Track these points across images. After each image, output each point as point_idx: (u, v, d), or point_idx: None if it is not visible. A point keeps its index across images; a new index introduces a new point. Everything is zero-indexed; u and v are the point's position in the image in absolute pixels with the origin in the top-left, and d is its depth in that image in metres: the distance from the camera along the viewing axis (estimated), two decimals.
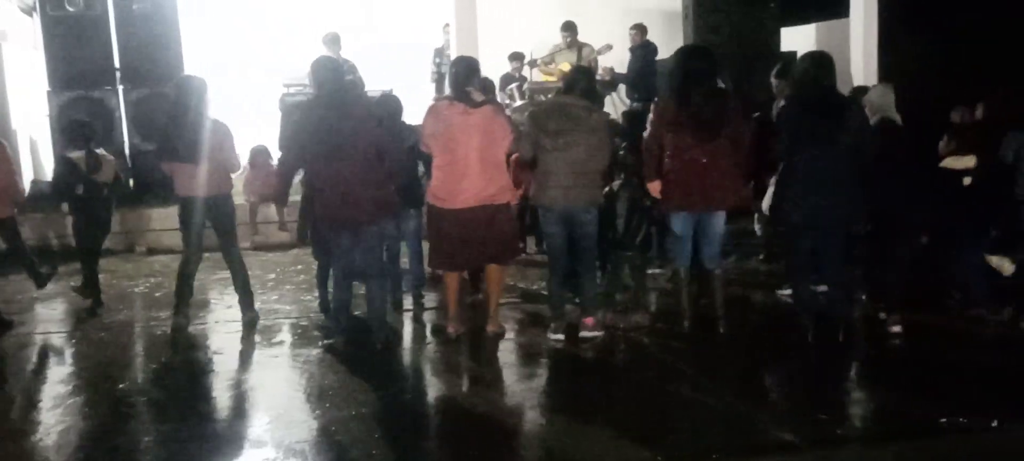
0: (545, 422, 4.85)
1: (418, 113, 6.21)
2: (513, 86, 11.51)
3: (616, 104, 12.10)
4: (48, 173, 11.09)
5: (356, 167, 5.70)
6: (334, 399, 5.12)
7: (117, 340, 6.62)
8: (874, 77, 11.42)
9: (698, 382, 5.26)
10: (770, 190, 7.55)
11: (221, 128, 6.48)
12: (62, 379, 5.78)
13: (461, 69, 5.99)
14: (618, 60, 12.20)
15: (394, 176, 5.97)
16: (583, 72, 6.26)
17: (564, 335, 6.04)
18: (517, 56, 12.06)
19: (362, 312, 6.31)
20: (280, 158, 6.43)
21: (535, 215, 6.86)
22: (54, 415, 5.05)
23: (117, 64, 10.21)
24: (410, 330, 6.61)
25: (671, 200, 5.95)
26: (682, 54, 6.15)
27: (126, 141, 10.28)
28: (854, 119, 5.71)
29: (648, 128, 6.00)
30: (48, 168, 11.13)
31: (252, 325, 6.66)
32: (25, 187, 10.39)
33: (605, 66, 11.97)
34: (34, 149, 11.59)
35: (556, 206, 5.90)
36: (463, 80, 5.88)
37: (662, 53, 11.86)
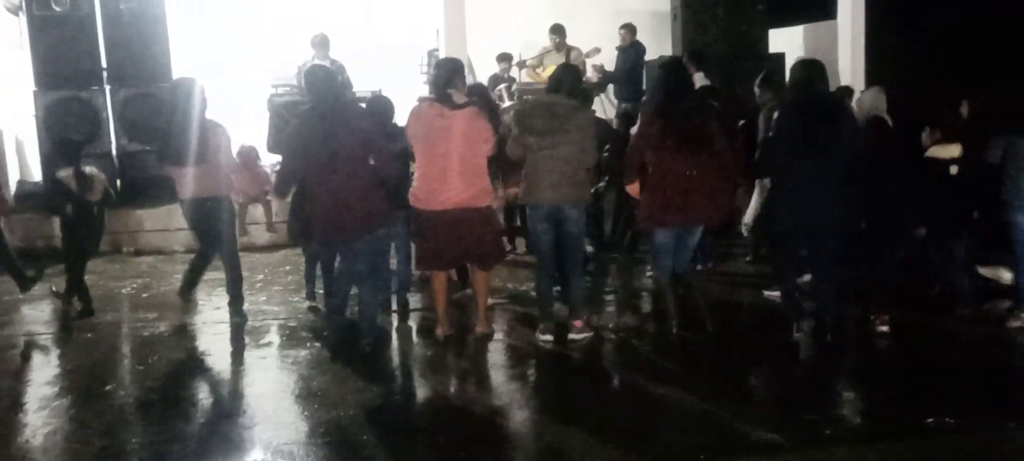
0: (533, 423, 4.85)
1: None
2: (502, 87, 11.50)
3: (605, 105, 12.11)
4: (35, 173, 11.04)
5: (351, 178, 5.67)
6: (323, 400, 5.11)
7: (104, 341, 6.59)
8: (861, 78, 11.49)
9: (686, 383, 5.27)
10: (755, 196, 7.61)
11: (220, 130, 6.52)
12: (48, 381, 5.75)
13: (442, 71, 5.97)
14: (607, 60, 12.20)
15: (386, 180, 5.93)
16: (569, 71, 6.20)
17: (553, 336, 6.04)
18: (505, 57, 12.03)
19: (352, 313, 6.29)
20: (280, 170, 6.41)
21: (524, 215, 6.87)
22: (40, 417, 5.03)
23: (104, 64, 10.15)
24: (399, 331, 6.60)
25: (653, 216, 5.96)
26: (662, 70, 6.19)
27: (113, 142, 10.22)
28: (848, 124, 5.74)
29: (632, 142, 6.04)
30: (34, 168, 11.07)
31: (240, 327, 6.64)
32: (12, 187, 10.38)
33: (595, 65, 11.98)
34: (20, 149, 11.52)
35: (543, 205, 5.89)
36: (443, 82, 5.86)
37: (650, 54, 11.89)
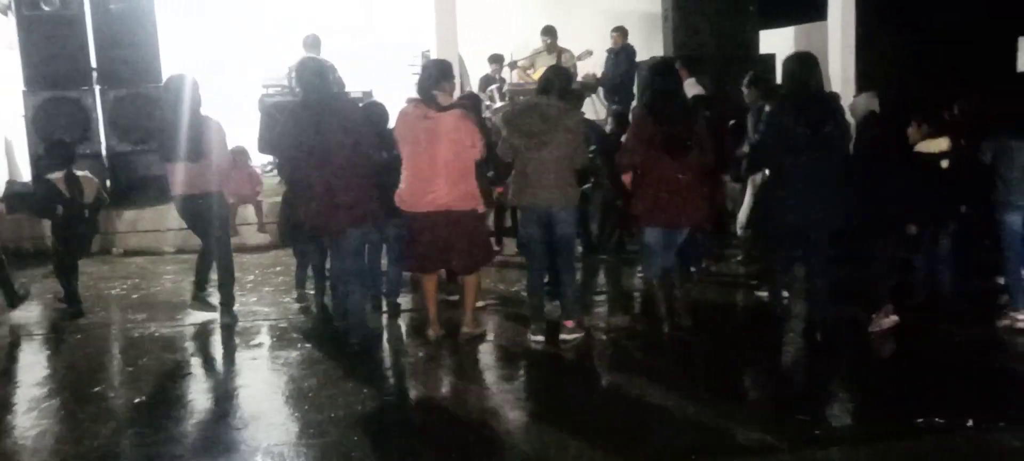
0: (524, 423, 4.84)
1: None
2: (493, 88, 11.51)
3: (597, 106, 12.11)
4: (24, 174, 10.98)
5: (340, 168, 5.66)
6: (313, 401, 5.10)
7: (93, 343, 6.55)
8: (852, 79, 11.52)
9: (678, 383, 5.27)
10: (748, 196, 7.62)
11: (216, 126, 6.50)
12: (37, 382, 5.71)
13: (426, 72, 5.97)
14: (598, 63, 12.21)
15: (373, 176, 5.90)
16: (558, 73, 6.20)
17: (544, 336, 6.03)
18: (496, 58, 12.05)
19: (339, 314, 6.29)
20: (279, 164, 6.42)
21: (514, 216, 6.85)
22: (29, 418, 5.01)
23: (94, 64, 10.12)
24: (390, 332, 6.58)
25: (642, 215, 5.98)
26: (650, 71, 6.22)
27: (103, 142, 10.18)
28: (841, 121, 5.75)
29: (624, 143, 6.07)
30: (24, 168, 11.01)
31: (231, 327, 6.62)
32: (0, 187, 10.31)
33: (587, 74, 11.99)
34: (9, 150, 11.47)
35: (534, 207, 5.89)
36: (428, 84, 5.84)
37: (642, 55, 11.90)
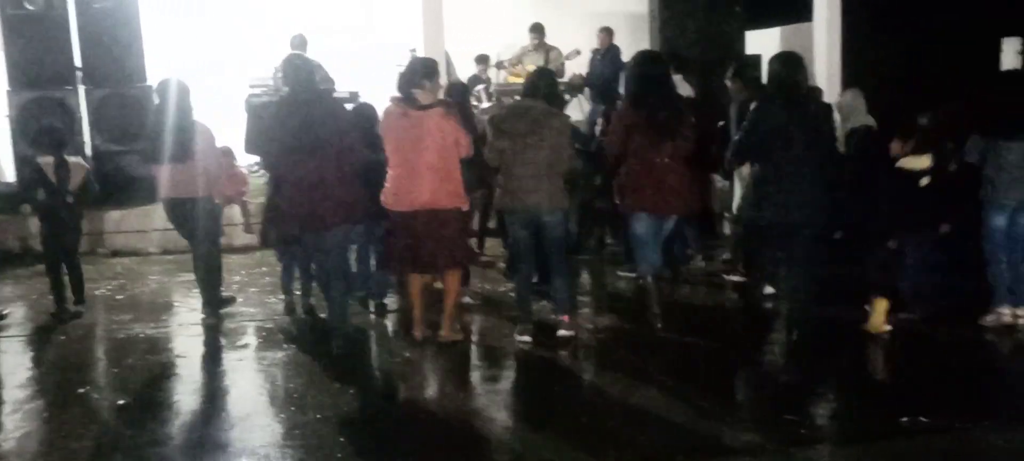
0: (510, 424, 4.85)
1: None
2: (480, 88, 11.51)
3: (583, 106, 12.12)
4: (7, 174, 10.91)
5: (324, 166, 5.65)
6: (300, 403, 5.09)
7: (78, 343, 6.52)
8: (838, 80, 11.55)
9: (664, 383, 5.28)
10: (738, 188, 7.62)
11: (205, 131, 6.49)
12: (21, 383, 5.68)
13: (406, 71, 5.96)
14: (586, 63, 12.21)
15: (359, 175, 5.87)
16: (544, 75, 6.21)
17: (531, 337, 6.02)
18: (482, 58, 12.07)
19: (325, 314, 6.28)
20: (263, 162, 6.40)
21: (499, 217, 6.85)
22: (13, 420, 4.98)
23: (78, 64, 10.06)
24: (375, 333, 6.57)
25: (629, 202, 6.03)
26: (637, 59, 6.24)
27: (87, 142, 10.12)
28: (827, 121, 5.77)
29: (609, 133, 6.10)
30: (7, 169, 10.94)
31: (217, 329, 6.59)
32: None
33: (574, 73, 12.00)
34: None
35: (522, 209, 5.88)
36: (406, 82, 5.82)
37: (626, 56, 11.89)
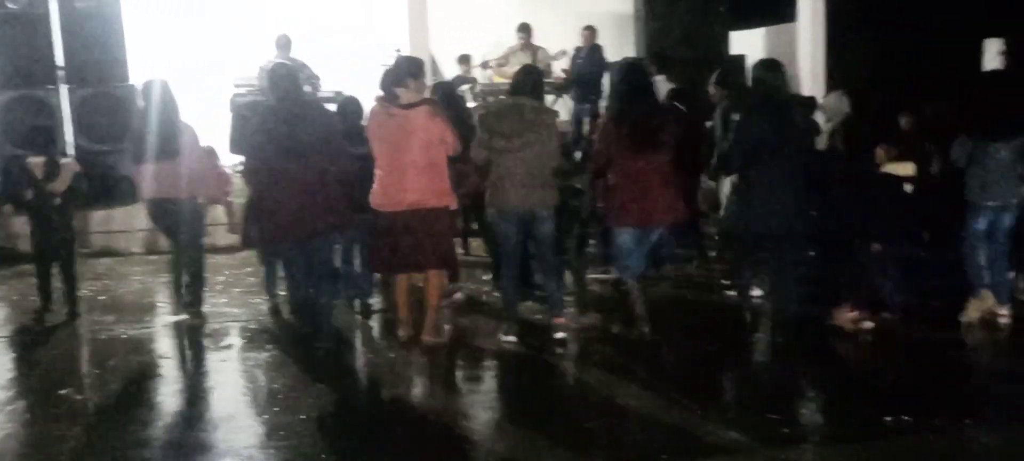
0: (495, 424, 4.85)
1: None
2: (465, 88, 11.50)
3: (567, 104, 12.15)
4: None
5: (309, 175, 5.62)
6: (284, 403, 5.07)
7: (62, 344, 6.49)
8: (821, 81, 11.63)
9: (648, 383, 5.29)
10: (724, 192, 7.64)
11: (190, 132, 6.47)
12: (3, 384, 5.64)
13: (389, 70, 5.96)
14: (568, 62, 12.24)
15: (344, 183, 5.85)
16: (530, 72, 6.20)
17: (515, 337, 6.02)
18: (465, 58, 12.10)
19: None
20: (245, 168, 6.36)
21: (480, 217, 6.83)
22: None
23: (60, 63, 10.00)
24: (360, 333, 6.56)
25: (615, 217, 6.00)
26: (619, 74, 6.22)
27: (70, 141, 10.05)
28: (810, 126, 5.79)
29: (594, 149, 6.11)
30: None
31: (201, 329, 6.57)
32: None
33: (564, 68, 12.02)
34: None
35: (513, 208, 5.86)
36: (390, 81, 5.82)
37: (613, 56, 11.91)
